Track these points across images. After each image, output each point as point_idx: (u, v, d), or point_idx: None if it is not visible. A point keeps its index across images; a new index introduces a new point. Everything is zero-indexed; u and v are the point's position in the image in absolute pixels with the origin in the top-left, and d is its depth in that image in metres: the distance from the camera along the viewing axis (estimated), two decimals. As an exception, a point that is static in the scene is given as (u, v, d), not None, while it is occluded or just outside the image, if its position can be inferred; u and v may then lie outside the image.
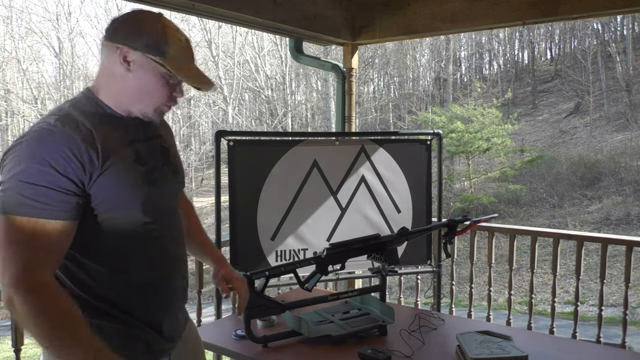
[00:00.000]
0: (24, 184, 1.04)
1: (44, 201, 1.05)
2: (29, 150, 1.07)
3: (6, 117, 23.58)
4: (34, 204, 1.05)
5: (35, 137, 1.09)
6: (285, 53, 19.74)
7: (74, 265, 1.17)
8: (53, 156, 1.06)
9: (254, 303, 1.68)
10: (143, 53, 1.16)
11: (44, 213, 1.05)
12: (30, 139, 1.09)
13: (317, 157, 2.98)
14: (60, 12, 24.36)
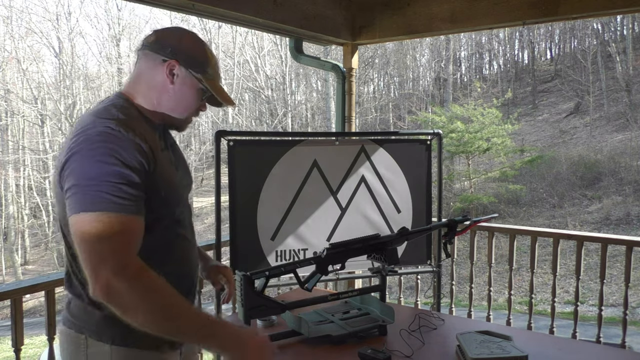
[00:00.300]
0: (107, 183, 1.09)
1: (126, 198, 1.11)
2: (104, 151, 1.11)
3: (6, 117, 23.57)
4: (119, 201, 1.10)
5: (104, 139, 1.13)
6: (285, 53, 19.75)
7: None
8: (126, 157, 1.13)
9: (254, 303, 1.68)
10: (187, 69, 1.27)
11: (127, 209, 1.11)
12: (100, 141, 1.13)
13: (317, 157, 2.98)
14: (60, 12, 24.36)
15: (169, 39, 1.29)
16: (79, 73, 24.90)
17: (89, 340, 1.23)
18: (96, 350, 1.23)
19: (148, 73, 1.29)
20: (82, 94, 24.17)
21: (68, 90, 23.75)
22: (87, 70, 26.85)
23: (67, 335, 1.28)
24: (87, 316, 1.24)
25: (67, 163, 1.13)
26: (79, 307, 1.26)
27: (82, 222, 1.08)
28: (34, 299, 16.14)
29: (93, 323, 1.23)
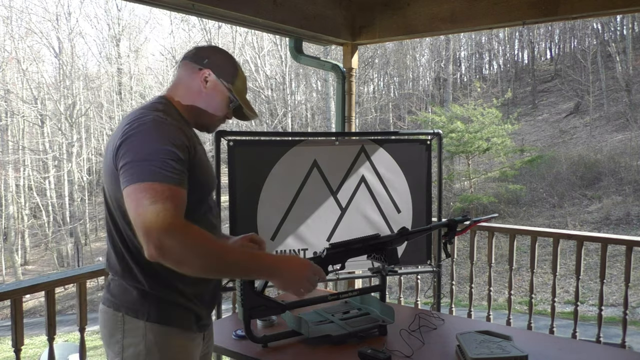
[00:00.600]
0: (158, 159, 1.25)
1: (173, 171, 1.27)
2: (155, 133, 1.29)
3: (6, 117, 23.57)
4: (167, 174, 1.25)
5: (155, 124, 1.31)
6: (285, 53, 19.75)
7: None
8: (173, 138, 1.31)
9: (254, 303, 1.68)
10: (218, 78, 1.48)
11: (174, 180, 1.26)
12: (152, 126, 1.31)
13: (317, 157, 2.98)
14: (60, 12, 24.37)
15: (205, 53, 1.50)
16: (78, 73, 24.90)
17: (125, 317, 1.37)
18: (132, 327, 1.36)
19: (186, 79, 1.49)
20: (82, 94, 24.17)
21: (68, 90, 23.74)
22: (87, 70, 26.86)
23: (106, 313, 1.42)
24: (126, 294, 1.38)
25: (122, 145, 1.29)
26: (118, 286, 1.41)
27: (135, 191, 1.23)
28: (34, 299, 16.14)
29: (130, 301, 1.38)
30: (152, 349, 1.36)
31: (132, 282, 1.38)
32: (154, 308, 1.37)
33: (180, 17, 23.34)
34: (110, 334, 1.40)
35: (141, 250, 1.24)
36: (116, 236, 1.40)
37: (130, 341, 1.36)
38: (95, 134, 25.11)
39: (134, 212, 1.22)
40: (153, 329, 1.37)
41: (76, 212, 22.98)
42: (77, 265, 21.07)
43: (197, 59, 1.49)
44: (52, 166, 23.73)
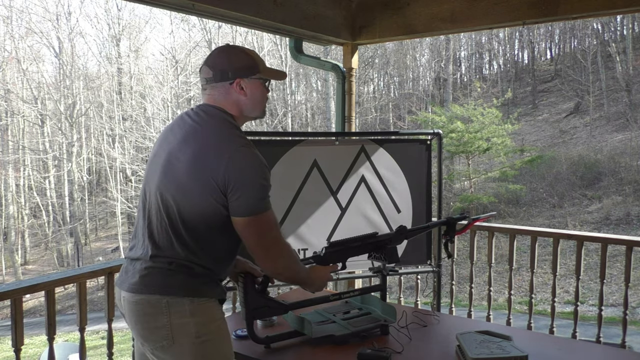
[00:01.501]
0: (265, 186, 1.50)
1: (269, 195, 1.52)
2: (256, 159, 1.49)
3: (6, 117, 23.57)
4: (269, 197, 1.52)
5: (251, 149, 1.50)
6: (285, 53, 19.74)
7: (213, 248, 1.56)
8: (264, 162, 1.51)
9: (256, 304, 1.68)
10: (248, 77, 1.57)
11: (270, 204, 1.53)
12: (250, 151, 1.50)
13: (317, 157, 2.98)
14: (60, 12, 24.36)
15: (221, 65, 1.57)
16: (79, 73, 24.89)
17: (170, 300, 1.48)
18: (177, 309, 1.48)
19: (225, 98, 1.58)
20: (82, 93, 24.17)
21: (68, 90, 23.73)
22: (87, 70, 26.86)
23: (146, 301, 1.50)
24: (171, 278, 1.50)
25: (233, 173, 1.45)
26: (162, 272, 1.51)
27: (258, 222, 1.50)
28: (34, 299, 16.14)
29: (177, 282, 1.50)
30: (201, 323, 1.49)
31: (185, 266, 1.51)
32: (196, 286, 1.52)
33: (180, 17, 23.32)
34: (154, 319, 1.48)
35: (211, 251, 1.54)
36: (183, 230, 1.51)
37: (178, 322, 1.47)
38: (95, 134, 25.11)
39: (257, 238, 1.51)
40: (199, 306, 1.50)
41: (76, 212, 22.98)
42: (77, 265, 21.07)
43: (220, 77, 1.56)
44: (52, 166, 23.73)
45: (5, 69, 23.00)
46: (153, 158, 1.62)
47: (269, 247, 1.54)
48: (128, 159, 21.79)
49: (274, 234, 1.54)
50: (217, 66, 1.57)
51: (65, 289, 16.89)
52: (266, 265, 1.57)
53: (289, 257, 1.60)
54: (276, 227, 1.56)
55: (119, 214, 22.03)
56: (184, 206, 1.50)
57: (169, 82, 22.42)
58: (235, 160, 1.47)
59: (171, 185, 1.51)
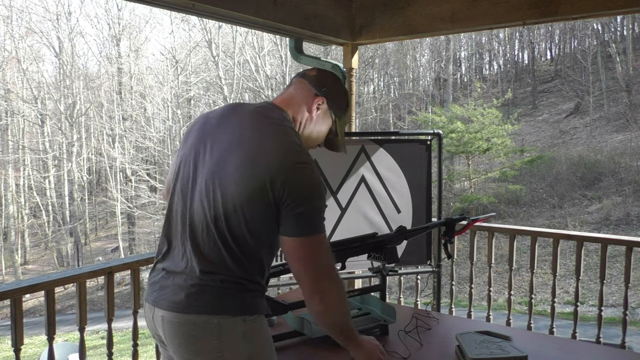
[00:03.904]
0: (323, 207, 1.39)
1: (324, 217, 1.40)
2: (318, 181, 1.38)
3: (6, 116, 23.57)
4: (324, 219, 1.39)
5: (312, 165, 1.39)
6: (285, 53, 19.74)
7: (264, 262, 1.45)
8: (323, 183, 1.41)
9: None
10: (329, 109, 1.53)
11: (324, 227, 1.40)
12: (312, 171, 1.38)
13: (317, 157, 2.97)
14: (60, 12, 24.36)
15: (326, 81, 1.54)
16: (79, 73, 24.91)
17: (221, 321, 1.36)
18: (229, 330, 1.37)
19: (301, 99, 1.51)
20: (82, 93, 24.19)
21: (68, 90, 23.75)
22: (87, 70, 26.92)
23: (193, 323, 1.36)
24: (222, 296, 1.38)
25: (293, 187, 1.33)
26: (215, 292, 1.38)
27: (312, 244, 1.37)
28: (34, 299, 16.15)
29: (228, 301, 1.38)
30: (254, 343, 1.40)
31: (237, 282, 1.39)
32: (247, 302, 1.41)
33: (180, 17, 23.32)
34: (203, 341, 1.36)
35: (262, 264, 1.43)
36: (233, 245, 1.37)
37: (230, 344, 1.36)
38: (95, 134, 25.12)
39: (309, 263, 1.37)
40: (252, 325, 1.40)
41: (76, 212, 22.99)
42: (77, 265, 21.07)
43: (317, 83, 1.52)
44: (52, 166, 23.74)
45: (5, 68, 23.01)
46: (191, 153, 1.45)
47: (319, 276, 1.38)
48: (128, 159, 21.80)
49: (327, 261, 1.39)
50: (324, 78, 1.54)
51: (65, 289, 16.91)
52: (313, 300, 1.38)
53: (340, 294, 1.41)
54: (330, 254, 1.40)
55: (119, 213, 22.05)
56: (232, 218, 1.36)
57: (169, 82, 22.43)
58: (297, 177, 1.35)
59: (218, 191, 1.37)
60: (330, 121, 1.54)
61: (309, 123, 1.51)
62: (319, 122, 1.52)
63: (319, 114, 1.51)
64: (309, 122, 1.51)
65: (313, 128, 1.52)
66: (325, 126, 1.54)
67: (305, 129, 1.51)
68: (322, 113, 1.52)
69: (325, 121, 1.54)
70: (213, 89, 23.50)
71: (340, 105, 1.55)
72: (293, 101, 1.51)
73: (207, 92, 23.85)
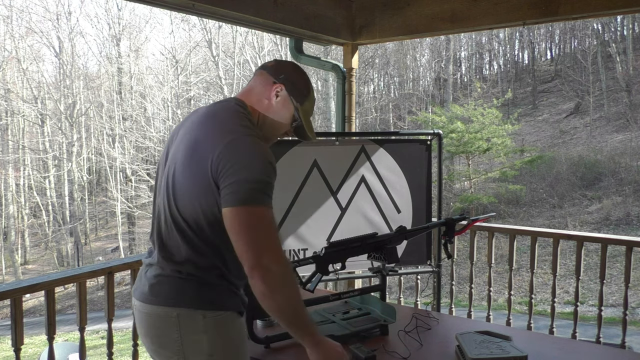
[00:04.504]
0: (265, 181, 1.31)
1: (270, 194, 1.33)
2: (259, 152, 1.34)
3: (6, 116, 23.57)
4: (270, 195, 1.32)
5: (256, 142, 1.36)
6: (286, 53, 19.72)
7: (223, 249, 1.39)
8: (272, 161, 1.36)
9: (256, 303, 1.68)
10: (289, 95, 1.51)
11: (271, 204, 1.33)
12: (253, 139, 1.36)
13: (317, 157, 2.98)
14: (60, 12, 24.35)
15: (284, 68, 1.54)
16: (79, 73, 24.90)
17: (181, 313, 1.37)
18: (189, 324, 1.37)
19: (260, 89, 1.52)
20: (82, 93, 24.17)
21: (68, 89, 23.74)
22: (87, 69, 26.90)
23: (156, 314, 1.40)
24: (182, 288, 1.39)
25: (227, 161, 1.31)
26: (173, 281, 1.40)
27: (249, 214, 1.29)
28: (34, 299, 16.14)
29: (188, 293, 1.38)
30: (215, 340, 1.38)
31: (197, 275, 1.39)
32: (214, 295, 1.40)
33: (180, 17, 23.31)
34: (165, 334, 1.39)
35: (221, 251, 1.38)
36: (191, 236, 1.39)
37: (190, 338, 1.37)
38: (95, 134, 25.11)
39: (247, 234, 1.28)
40: (213, 321, 1.38)
41: (76, 212, 22.99)
42: (77, 265, 21.07)
43: (275, 72, 1.52)
44: (52, 165, 23.74)
45: (5, 68, 23.01)
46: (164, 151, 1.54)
47: (260, 251, 1.27)
48: (128, 158, 21.80)
49: (270, 238, 1.29)
50: (281, 66, 1.54)
51: (65, 289, 16.90)
52: (254, 277, 1.27)
53: (286, 277, 1.29)
54: (275, 233, 1.31)
55: (119, 213, 22.04)
56: (183, 203, 1.38)
57: (169, 82, 22.43)
58: (233, 146, 1.33)
59: (171, 180, 1.42)
60: (291, 107, 1.52)
61: (270, 111, 1.51)
62: (280, 109, 1.51)
63: (278, 101, 1.50)
64: (270, 110, 1.51)
65: (274, 115, 1.51)
66: (286, 113, 1.52)
67: (267, 117, 1.51)
68: (282, 100, 1.51)
69: (286, 108, 1.52)
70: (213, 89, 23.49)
71: (300, 92, 1.53)
72: (252, 92, 1.52)
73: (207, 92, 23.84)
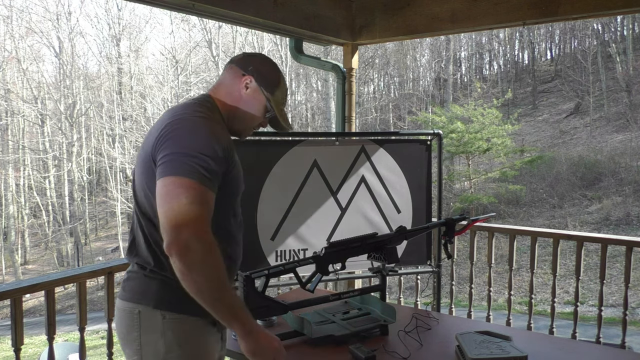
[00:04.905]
0: (201, 156, 1.25)
1: (212, 174, 1.27)
2: (202, 128, 1.30)
3: (6, 116, 23.56)
4: (207, 175, 1.25)
5: (203, 119, 1.32)
6: (286, 53, 19.75)
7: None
8: (220, 139, 1.32)
9: (256, 304, 1.68)
10: (259, 86, 1.49)
11: (210, 184, 1.26)
12: (199, 120, 1.32)
13: (317, 157, 2.98)
14: (60, 12, 24.36)
15: (252, 61, 1.52)
16: (79, 73, 24.90)
17: (142, 314, 1.34)
18: (150, 323, 1.34)
19: (229, 82, 1.51)
20: (82, 93, 24.17)
21: (68, 89, 23.74)
22: (87, 70, 26.89)
23: (122, 309, 1.39)
24: (146, 284, 1.37)
25: (164, 135, 1.29)
26: (138, 277, 1.39)
27: (174, 185, 1.22)
28: (34, 299, 16.14)
29: (150, 291, 1.35)
30: (172, 344, 1.34)
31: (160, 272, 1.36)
32: (174, 297, 1.33)
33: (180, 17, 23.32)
34: (128, 331, 1.38)
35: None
36: (147, 228, 1.37)
37: (148, 338, 1.34)
38: (96, 134, 25.12)
39: (167, 204, 1.20)
40: (172, 324, 1.34)
41: (76, 212, 22.99)
42: (77, 265, 21.07)
43: (243, 64, 1.51)
44: (52, 166, 23.74)
45: (5, 68, 23.00)
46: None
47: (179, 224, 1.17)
48: (128, 159, 21.79)
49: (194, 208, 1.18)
50: (250, 58, 1.53)
51: (65, 289, 16.90)
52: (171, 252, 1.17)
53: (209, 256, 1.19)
54: (202, 204, 1.21)
55: (119, 213, 22.04)
56: (139, 195, 1.38)
57: (169, 82, 22.43)
58: (174, 123, 1.31)
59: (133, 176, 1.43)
60: (262, 98, 1.50)
61: (240, 103, 1.50)
62: (250, 101, 1.50)
63: (248, 93, 1.49)
64: (240, 102, 1.50)
65: (245, 107, 1.50)
66: (258, 104, 1.51)
67: (238, 109, 1.50)
68: (252, 91, 1.49)
69: (257, 99, 1.50)
70: (213, 89, 23.45)
71: (270, 82, 1.52)
72: (221, 86, 1.52)
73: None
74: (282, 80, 1.56)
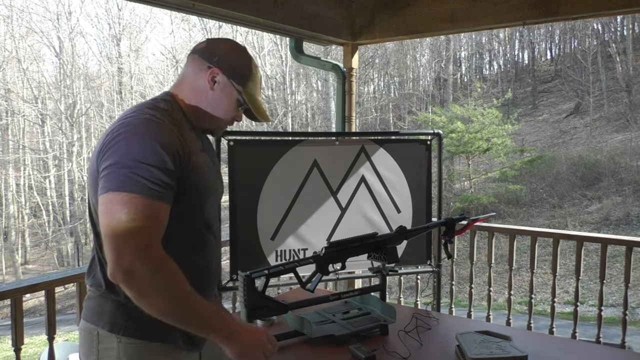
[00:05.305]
0: (144, 166, 1.11)
1: (159, 184, 1.13)
2: (145, 135, 1.15)
3: (6, 116, 23.56)
4: (151, 186, 1.11)
5: (146, 125, 1.17)
6: (286, 53, 19.75)
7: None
8: (166, 143, 1.16)
9: (256, 303, 1.68)
10: (229, 79, 1.32)
11: (158, 195, 1.13)
12: (143, 126, 1.17)
13: (317, 157, 2.98)
14: (60, 12, 24.36)
15: (217, 49, 1.34)
16: (79, 73, 24.89)
17: (100, 336, 1.24)
18: (106, 346, 1.23)
19: (192, 76, 1.34)
20: (83, 93, 24.17)
21: (68, 89, 23.74)
22: (88, 69, 26.86)
23: (82, 329, 1.29)
24: (102, 306, 1.25)
25: (108, 144, 1.16)
26: (95, 297, 1.27)
27: (112, 201, 1.10)
28: (34, 299, 16.14)
29: (106, 313, 1.24)
30: None
31: (110, 291, 1.24)
32: (131, 321, 1.22)
33: (180, 17, 23.33)
34: (86, 355, 1.27)
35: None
36: (100, 248, 1.24)
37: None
38: (96, 134, 25.11)
39: (107, 224, 1.08)
40: (128, 349, 1.22)
41: (76, 212, 22.98)
42: (77, 265, 21.07)
43: (208, 55, 1.33)
44: (53, 165, 23.73)
45: (5, 68, 23.00)
46: None
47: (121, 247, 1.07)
48: (128, 158, 21.76)
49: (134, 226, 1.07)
50: (214, 46, 1.35)
51: (65, 289, 16.90)
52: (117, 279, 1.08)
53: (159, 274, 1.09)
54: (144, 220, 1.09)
55: (119, 213, 22.00)
56: (93, 215, 1.25)
57: (169, 82, 22.43)
58: (117, 129, 1.16)
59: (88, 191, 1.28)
60: (234, 92, 1.33)
61: (207, 100, 1.33)
62: (219, 97, 1.33)
63: (215, 89, 1.32)
64: (207, 100, 1.33)
65: (214, 105, 1.34)
66: (228, 99, 1.34)
67: (205, 106, 1.34)
68: (221, 86, 1.32)
69: (227, 94, 1.33)
70: (213, 89, 23.48)
71: (241, 73, 1.34)
72: (185, 81, 1.35)
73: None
74: (254, 67, 1.37)
